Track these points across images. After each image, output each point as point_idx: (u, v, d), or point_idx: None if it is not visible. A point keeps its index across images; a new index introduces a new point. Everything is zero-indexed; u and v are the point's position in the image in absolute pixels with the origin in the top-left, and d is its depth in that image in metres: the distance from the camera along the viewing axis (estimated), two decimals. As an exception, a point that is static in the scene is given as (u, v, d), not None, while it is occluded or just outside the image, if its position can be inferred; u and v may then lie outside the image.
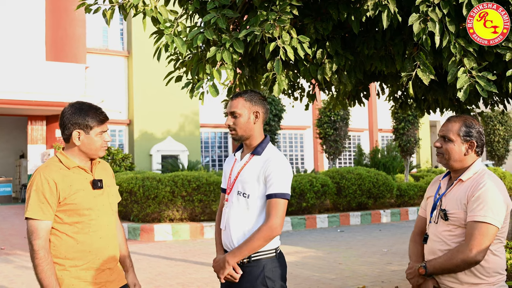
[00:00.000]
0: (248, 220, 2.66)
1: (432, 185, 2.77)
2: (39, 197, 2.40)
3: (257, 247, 2.59)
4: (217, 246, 2.84)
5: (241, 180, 2.70)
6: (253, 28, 3.38)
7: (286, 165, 2.69)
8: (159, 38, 3.72)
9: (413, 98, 5.76)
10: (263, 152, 2.72)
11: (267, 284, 2.62)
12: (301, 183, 12.81)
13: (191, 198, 11.29)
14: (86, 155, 2.58)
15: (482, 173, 2.50)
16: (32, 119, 17.52)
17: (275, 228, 2.58)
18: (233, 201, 2.72)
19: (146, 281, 6.94)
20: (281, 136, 23.15)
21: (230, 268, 2.61)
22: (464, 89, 3.15)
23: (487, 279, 2.42)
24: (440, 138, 2.59)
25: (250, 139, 2.75)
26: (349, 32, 4.20)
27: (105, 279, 2.55)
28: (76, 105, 2.56)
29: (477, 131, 2.55)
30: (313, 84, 5.41)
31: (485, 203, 2.38)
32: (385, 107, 24.92)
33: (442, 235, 2.51)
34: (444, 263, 2.44)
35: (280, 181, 2.62)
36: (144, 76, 18.80)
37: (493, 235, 2.37)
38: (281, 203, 2.61)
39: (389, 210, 14.21)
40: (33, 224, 2.40)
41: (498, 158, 24.04)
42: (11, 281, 7.03)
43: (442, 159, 2.58)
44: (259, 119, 2.75)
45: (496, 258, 2.45)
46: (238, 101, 2.73)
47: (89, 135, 2.54)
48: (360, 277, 6.95)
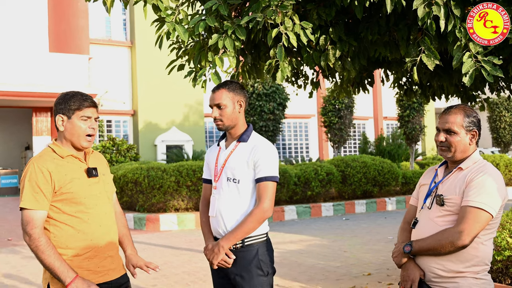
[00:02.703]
0: (240, 204, 2.75)
1: (426, 174, 2.75)
2: (33, 187, 2.39)
3: (250, 229, 2.68)
4: (206, 235, 2.89)
5: (229, 167, 2.78)
6: (255, 14, 3.34)
7: (272, 149, 2.80)
8: (161, 26, 3.69)
9: (418, 85, 5.71)
10: (248, 139, 2.82)
11: (262, 267, 2.72)
12: (306, 172, 12.79)
13: (196, 187, 11.30)
14: (70, 142, 2.55)
15: (483, 163, 2.48)
16: (37, 111, 17.55)
17: (266, 210, 2.68)
18: (223, 188, 2.79)
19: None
20: (286, 125, 23.11)
21: (224, 254, 2.67)
22: (469, 74, 3.11)
23: (473, 268, 2.40)
24: (442, 132, 2.54)
25: (235, 128, 2.85)
26: (353, 18, 4.14)
27: (107, 267, 2.55)
28: (64, 93, 2.57)
29: (477, 120, 2.54)
30: (317, 71, 5.37)
31: (482, 190, 2.36)
32: (390, 94, 24.81)
33: (435, 221, 2.49)
34: (431, 243, 2.43)
35: (268, 165, 2.73)
36: (147, 66, 18.76)
37: (486, 222, 2.35)
38: (271, 186, 2.72)
39: (394, 198, 14.19)
40: (28, 214, 2.39)
41: (504, 144, 23.95)
42: (19, 271, 7.07)
43: (447, 152, 2.53)
44: (242, 108, 2.85)
45: (485, 248, 2.43)
46: (222, 93, 2.81)
47: (71, 120, 2.51)
48: (365, 264, 6.95)
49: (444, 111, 2.58)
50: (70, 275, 2.35)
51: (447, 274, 2.41)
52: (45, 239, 2.37)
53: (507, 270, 4.05)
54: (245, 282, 2.69)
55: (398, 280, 5.98)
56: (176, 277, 6.55)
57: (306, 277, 6.35)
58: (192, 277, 6.52)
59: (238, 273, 2.70)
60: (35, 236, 2.36)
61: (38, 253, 2.36)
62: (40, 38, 17.40)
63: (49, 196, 2.42)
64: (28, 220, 2.38)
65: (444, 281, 2.42)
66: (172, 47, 4.54)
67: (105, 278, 2.53)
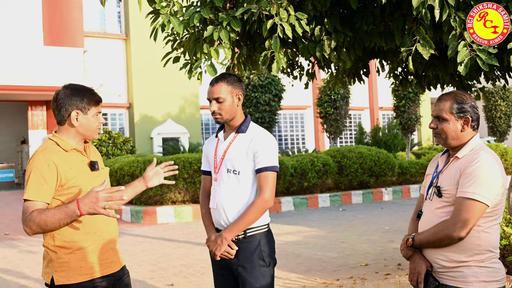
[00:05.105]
0: (241, 196, 2.76)
1: (431, 163, 2.74)
2: (38, 180, 2.38)
3: (252, 220, 2.70)
4: (207, 226, 2.92)
5: (229, 158, 2.79)
6: (250, 5, 3.33)
7: (271, 139, 2.81)
8: (156, 18, 3.68)
9: (413, 74, 5.72)
10: (247, 129, 2.83)
11: (264, 258, 2.74)
12: (302, 163, 12.81)
13: (192, 180, 11.30)
14: (83, 136, 2.56)
15: (478, 150, 2.44)
16: (32, 105, 17.48)
17: (268, 200, 2.70)
18: (223, 179, 2.80)
19: (149, 262, 6.98)
20: (282, 116, 23.09)
21: (226, 245, 2.69)
22: (464, 62, 3.11)
23: (477, 256, 2.38)
24: (434, 119, 2.54)
25: (233, 120, 2.84)
26: (348, 8, 4.14)
27: (110, 259, 2.56)
28: (71, 86, 2.55)
29: (470, 105, 2.49)
30: (312, 62, 5.37)
31: (475, 180, 2.33)
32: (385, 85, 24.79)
33: (435, 212, 2.48)
34: (429, 237, 2.43)
35: (268, 155, 2.74)
36: (142, 58, 18.70)
37: (480, 213, 2.33)
38: (271, 176, 2.73)
39: (390, 188, 14.23)
40: (29, 204, 2.37)
41: (500, 134, 23.99)
42: (16, 265, 7.08)
43: (440, 139, 2.54)
44: (240, 101, 2.84)
45: (488, 235, 2.40)
46: (220, 86, 2.78)
47: (87, 116, 2.53)
48: (362, 255, 6.98)
49: (438, 98, 2.58)
50: (72, 206, 2.31)
51: (451, 264, 2.41)
52: (37, 210, 2.33)
53: (504, 259, 4.08)
54: (247, 273, 2.71)
55: (395, 270, 6.02)
56: (174, 269, 6.57)
57: (304, 268, 6.38)
58: (190, 269, 6.54)
59: (240, 263, 2.72)
60: (28, 216, 2.33)
61: (41, 224, 2.31)
62: (34, 31, 17.29)
63: (53, 189, 2.41)
64: (25, 211, 2.37)
65: (448, 271, 2.42)
66: (167, 39, 4.52)
67: (107, 270, 2.53)
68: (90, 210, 2.29)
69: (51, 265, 2.45)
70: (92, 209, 2.29)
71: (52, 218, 2.32)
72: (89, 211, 2.30)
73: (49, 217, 2.32)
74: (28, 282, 6.16)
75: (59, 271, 2.43)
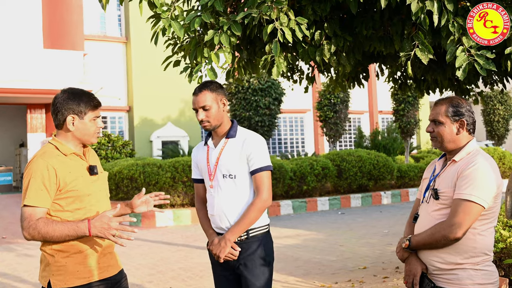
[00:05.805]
0: (240, 199, 2.83)
1: (428, 167, 2.78)
2: (38, 185, 2.37)
3: (253, 220, 2.79)
4: (207, 231, 2.96)
5: (223, 164, 2.85)
6: (250, 10, 3.35)
7: (261, 140, 2.91)
8: (156, 22, 3.70)
9: (412, 79, 5.74)
10: (236, 134, 2.89)
11: (265, 257, 2.83)
12: (301, 166, 12.82)
13: (192, 183, 11.31)
14: (80, 141, 2.56)
15: (475, 153, 2.48)
16: (31, 108, 17.47)
17: (266, 199, 2.80)
18: (220, 185, 2.86)
19: (148, 266, 6.98)
20: (282, 120, 23.11)
21: (230, 247, 2.76)
22: (463, 67, 3.14)
23: (472, 259, 2.40)
24: (431, 123, 2.60)
25: (221, 126, 2.90)
26: (347, 13, 4.16)
27: (107, 263, 2.57)
28: (69, 90, 2.55)
29: (466, 109, 2.53)
30: (312, 66, 5.39)
31: (472, 182, 2.37)
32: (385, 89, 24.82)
33: (432, 215, 2.51)
34: (426, 238, 2.46)
35: (261, 156, 2.84)
36: (142, 62, 18.72)
37: (477, 214, 2.36)
38: (267, 175, 2.83)
39: (389, 191, 14.25)
40: (28, 210, 2.36)
41: (498, 137, 24.04)
42: (14, 269, 7.08)
43: (436, 143, 2.59)
44: (226, 106, 2.90)
45: (483, 238, 2.43)
46: (205, 95, 2.83)
47: (83, 120, 2.52)
48: (361, 258, 7.00)
49: (435, 103, 2.62)
50: (83, 226, 2.33)
51: (446, 266, 2.43)
52: (42, 219, 2.34)
53: (501, 262, 4.09)
54: (248, 271, 2.78)
55: (393, 273, 6.04)
56: (173, 273, 6.57)
57: (302, 271, 6.39)
58: (189, 273, 6.54)
59: (241, 262, 2.80)
60: (33, 224, 2.33)
61: (45, 235, 2.32)
62: (34, 34, 17.30)
63: (52, 194, 2.40)
64: (26, 216, 2.36)
65: (444, 273, 2.44)
66: (167, 43, 4.54)
67: (105, 274, 2.54)
68: (99, 234, 2.34)
69: (48, 269, 2.44)
70: (102, 234, 2.34)
71: (59, 233, 2.33)
72: (98, 235, 2.34)
73: (56, 232, 2.33)
74: (25, 286, 6.16)
75: (56, 274, 2.42)
